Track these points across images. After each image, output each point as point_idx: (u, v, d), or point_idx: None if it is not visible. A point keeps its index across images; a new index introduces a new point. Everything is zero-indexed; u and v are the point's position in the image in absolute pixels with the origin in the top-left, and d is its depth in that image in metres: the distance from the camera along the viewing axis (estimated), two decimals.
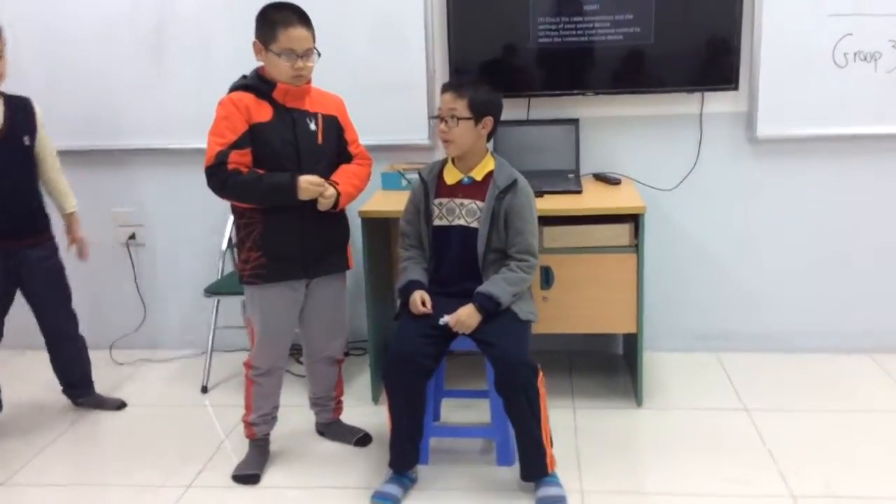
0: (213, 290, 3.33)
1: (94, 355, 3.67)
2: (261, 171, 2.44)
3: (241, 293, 3.22)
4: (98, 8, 3.47)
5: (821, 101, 3.26)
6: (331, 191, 2.49)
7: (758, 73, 3.26)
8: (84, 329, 3.74)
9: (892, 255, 3.41)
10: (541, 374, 2.42)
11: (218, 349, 3.49)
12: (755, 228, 3.44)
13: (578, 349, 3.58)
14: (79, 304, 3.70)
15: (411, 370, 2.42)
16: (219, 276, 3.49)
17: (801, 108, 3.27)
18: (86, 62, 3.52)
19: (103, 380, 3.47)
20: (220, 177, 2.42)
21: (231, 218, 3.53)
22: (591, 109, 3.39)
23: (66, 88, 3.53)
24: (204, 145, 3.42)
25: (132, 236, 3.71)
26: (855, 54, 3.21)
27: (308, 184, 2.43)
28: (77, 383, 3.22)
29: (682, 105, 3.36)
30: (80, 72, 3.52)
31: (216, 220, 3.59)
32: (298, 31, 2.43)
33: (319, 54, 2.51)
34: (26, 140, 2.87)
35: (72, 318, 3.13)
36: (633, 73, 3.30)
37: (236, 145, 2.42)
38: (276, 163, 2.47)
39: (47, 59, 3.52)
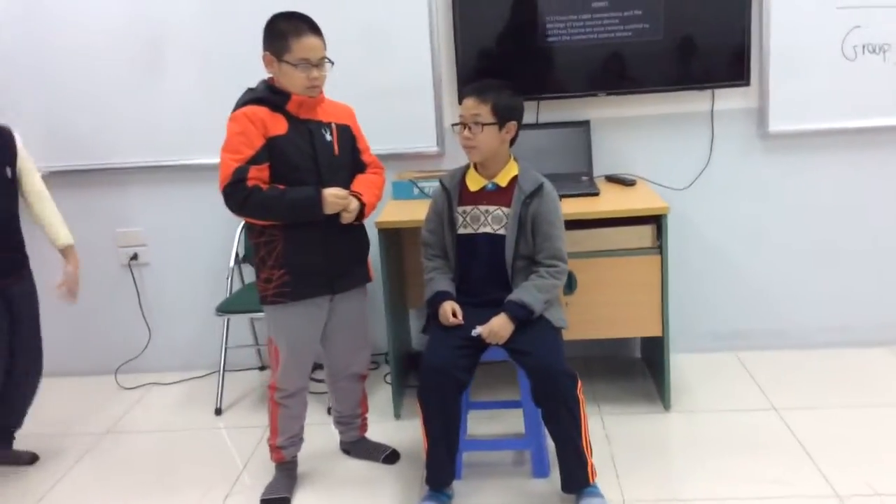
0: (225, 309, 3.23)
1: (98, 381, 3.63)
2: (281, 187, 2.36)
3: (253, 311, 3.20)
4: (96, 21, 3.36)
5: (831, 95, 3.24)
6: (354, 203, 2.42)
7: (768, 68, 3.24)
8: (87, 354, 3.68)
9: None
10: (579, 381, 2.37)
11: (227, 369, 3.38)
12: (769, 224, 3.41)
13: (595, 354, 3.53)
14: (80, 328, 3.65)
15: (447, 383, 2.35)
16: (227, 294, 3.39)
17: (812, 102, 3.25)
18: (83, 79, 3.41)
19: (110, 407, 3.37)
20: (239, 195, 2.32)
21: (238, 234, 3.45)
22: (601, 110, 3.35)
23: (64, 106, 3.43)
24: (205, 161, 3.37)
25: (134, 256, 3.60)
26: (864, 47, 3.20)
27: (334, 197, 2.37)
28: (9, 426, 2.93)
29: (692, 103, 3.32)
30: (77, 89, 3.41)
31: (220, 237, 3.51)
32: (312, 41, 2.36)
33: (332, 63, 2.44)
34: (8, 172, 2.69)
35: (40, 355, 2.89)
36: (644, 73, 3.26)
37: (254, 160, 2.33)
38: (295, 177, 2.38)
39: (43, 76, 3.41)
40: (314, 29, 2.38)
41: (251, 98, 2.42)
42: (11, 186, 2.72)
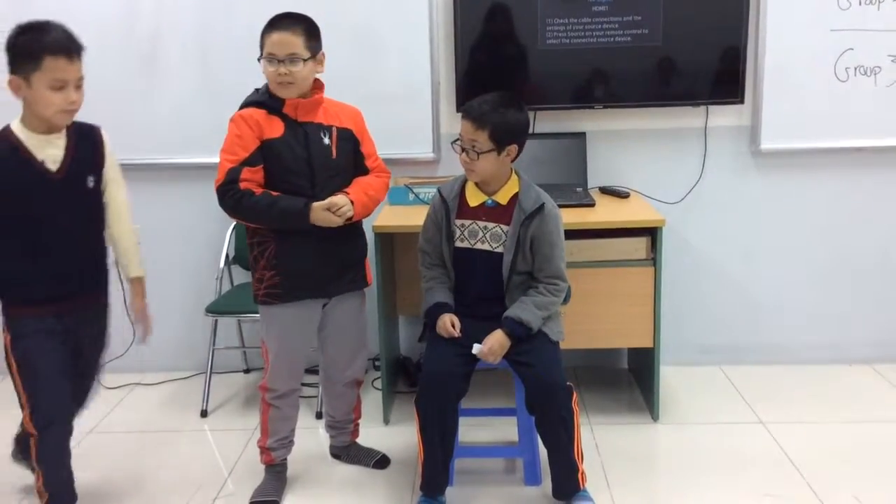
0: (214, 310, 3.19)
1: None
2: (274, 193, 2.35)
3: (242, 312, 3.18)
4: (90, 15, 3.29)
5: (823, 115, 3.30)
6: (342, 201, 2.37)
7: (762, 86, 3.28)
8: None
9: (893, 265, 3.46)
10: (574, 394, 2.37)
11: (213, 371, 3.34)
12: (759, 241, 3.46)
13: (582, 364, 3.54)
14: None
15: (446, 390, 2.35)
16: (216, 295, 3.36)
17: (803, 121, 3.31)
18: None
19: (93, 407, 3.29)
20: (232, 196, 2.32)
21: (229, 235, 3.42)
22: (597, 122, 3.37)
23: None
24: (197, 160, 3.33)
25: None
26: (856, 68, 3.26)
27: (324, 213, 2.34)
28: None
29: (686, 119, 3.36)
30: None
31: (209, 238, 3.47)
32: (278, 35, 2.31)
33: (304, 61, 2.32)
34: (90, 181, 2.31)
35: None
36: (639, 87, 3.29)
37: (247, 162, 2.33)
38: (288, 179, 2.37)
39: None
40: (288, 25, 2.32)
41: (251, 100, 2.41)
42: (94, 198, 2.35)
